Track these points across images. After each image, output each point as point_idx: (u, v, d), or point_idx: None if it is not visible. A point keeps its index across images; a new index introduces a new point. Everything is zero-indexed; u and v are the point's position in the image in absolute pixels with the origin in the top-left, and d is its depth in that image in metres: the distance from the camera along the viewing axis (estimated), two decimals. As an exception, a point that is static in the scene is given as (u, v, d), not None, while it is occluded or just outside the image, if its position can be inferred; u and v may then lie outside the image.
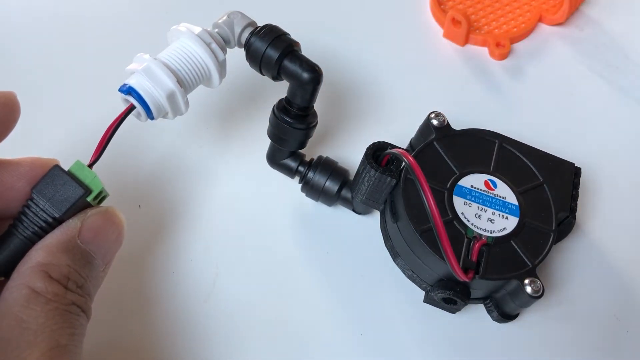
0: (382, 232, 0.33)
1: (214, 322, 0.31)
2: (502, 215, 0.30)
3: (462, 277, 0.27)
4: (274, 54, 0.29)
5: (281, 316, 0.32)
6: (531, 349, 0.32)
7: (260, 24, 0.30)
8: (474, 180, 0.31)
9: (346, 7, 0.46)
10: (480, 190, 0.31)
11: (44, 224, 0.24)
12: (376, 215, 0.35)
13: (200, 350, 0.30)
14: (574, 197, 0.32)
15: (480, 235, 0.29)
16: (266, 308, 0.32)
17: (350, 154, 0.37)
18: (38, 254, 0.23)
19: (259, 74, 0.31)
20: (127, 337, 0.30)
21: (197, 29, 0.29)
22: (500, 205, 0.30)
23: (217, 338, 0.31)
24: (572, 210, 0.32)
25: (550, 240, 0.30)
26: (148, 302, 0.32)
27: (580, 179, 0.33)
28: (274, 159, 0.34)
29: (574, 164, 0.33)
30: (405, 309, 0.32)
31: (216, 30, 0.30)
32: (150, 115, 0.27)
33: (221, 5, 0.34)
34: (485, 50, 0.44)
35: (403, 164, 0.30)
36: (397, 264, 0.32)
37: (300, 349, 0.31)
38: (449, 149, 0.32)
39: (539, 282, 0.28)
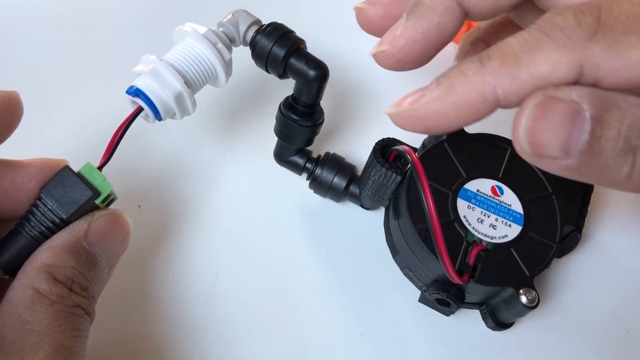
0: (384, 229, 0.33)
1: (214, 322, 0.31)
2: (505, 223, 0.30)
3: (455, 278, 0.26)
4: (280, 52, 0.28)
5: (281, 316, 0.32)
6: (531, 350, 0.32)
7: (264, 22, 0.30)
8: (481, 185, 0.31)
9: (348, 6, 0.46)
10: (486, 195, 0.30)
11: (51, 225, 0.24)
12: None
13: (200, 350, 0.30)
14: (582, 213, 0.31)
15: (480, 240, 0.29)
16: (266, 308, 0.32)
17: (357, 151, 0.37)
18: (43, 255, 0.23)
19: (265, 72, 0.30)
20: (127, 337, 0.30)
21: (203, 29, 0.29)
22: (504, 212, 0.30)
23: (217, 338, 0.31)
24: (579, 225, 0.31)
25: (552, 253, 0.29)
26: (148, 302, 0.31)
27: (593, 195, 0.32)
28: (281, 156, 0.34)
29: None
30: (407, 309, 0.32)
31: (221, 29, 0.29)
32: (158, 116, 0.27)
33: (225, 4, 0.34)
34: (486, 50, 0.44)
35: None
36: (396, 262, 0.32)
37: (300, 349, 0.31)
38: (459, 152, 0.31)
39: (534, 292, 0.27)
